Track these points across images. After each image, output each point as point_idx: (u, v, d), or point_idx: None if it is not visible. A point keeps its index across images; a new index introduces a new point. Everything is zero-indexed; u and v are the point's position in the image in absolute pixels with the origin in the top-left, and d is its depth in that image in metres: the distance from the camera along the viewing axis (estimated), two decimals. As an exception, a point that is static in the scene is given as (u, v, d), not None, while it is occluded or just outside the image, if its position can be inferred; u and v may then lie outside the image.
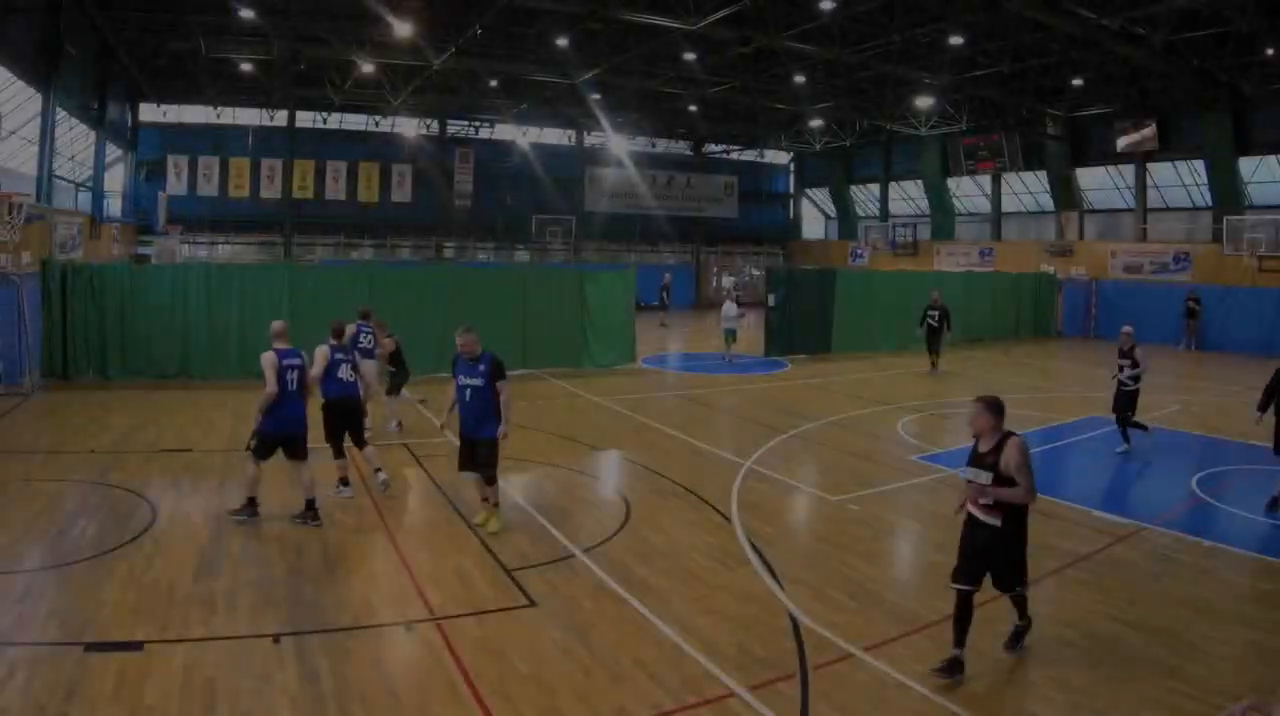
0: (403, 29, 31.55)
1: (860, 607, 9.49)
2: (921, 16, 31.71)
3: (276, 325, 12.21)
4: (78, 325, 22.04)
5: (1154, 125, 40.21)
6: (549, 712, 7.26)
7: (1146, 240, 42.24)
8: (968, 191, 53.30)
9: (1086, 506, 13.39)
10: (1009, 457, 7.89)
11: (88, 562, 10.07)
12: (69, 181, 34.78)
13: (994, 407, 8.28)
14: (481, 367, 11.23)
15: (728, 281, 59.85)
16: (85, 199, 37.52)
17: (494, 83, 43.11)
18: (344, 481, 13.13)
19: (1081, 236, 45.75)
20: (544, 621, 8.98)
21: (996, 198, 51.47)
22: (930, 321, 27.58)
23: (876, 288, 33.97)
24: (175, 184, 47.02)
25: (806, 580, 10.25)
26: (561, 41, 34.53)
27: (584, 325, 26.70)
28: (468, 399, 11.29)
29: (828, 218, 65.81)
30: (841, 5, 29.68)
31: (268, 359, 11.52)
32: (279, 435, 11.70)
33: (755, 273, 60.07)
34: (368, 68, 39.08)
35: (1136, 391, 17.03)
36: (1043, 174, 47.32)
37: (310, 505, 11.82)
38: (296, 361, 11.80)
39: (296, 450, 11.87)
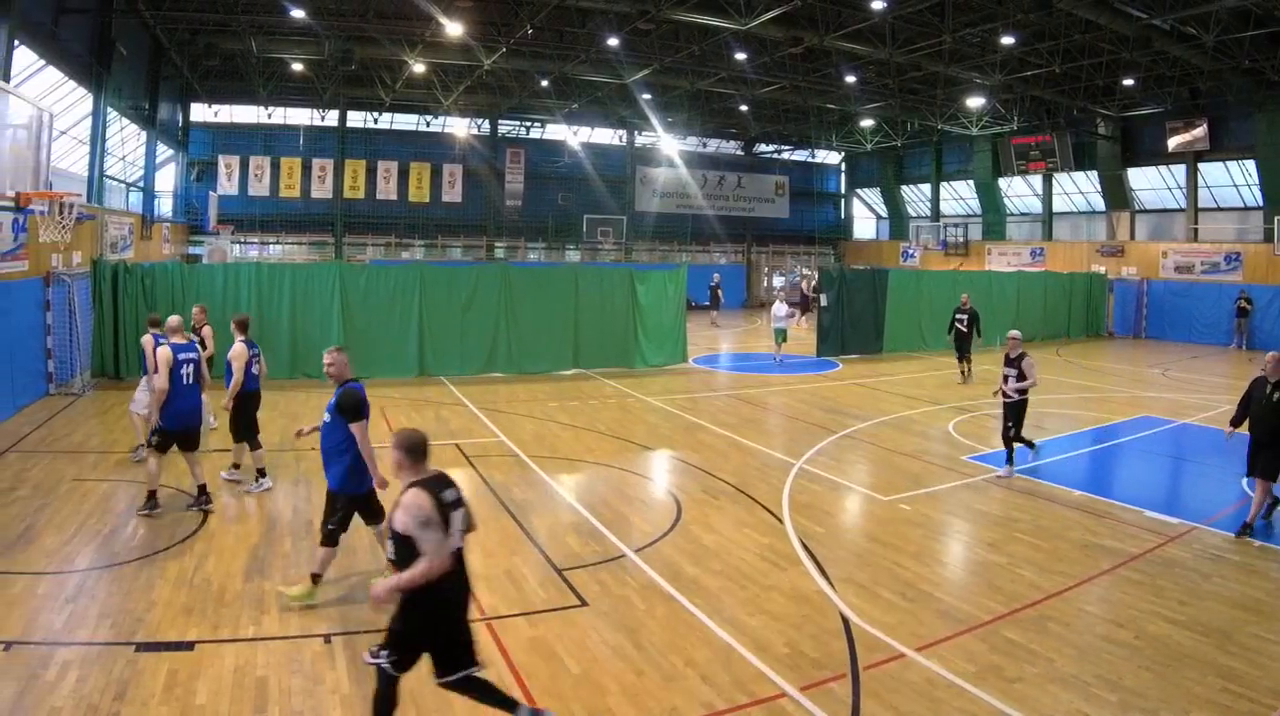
0: (454, 29, 31.72)
1: (912, 607, 9.47)
2: (973, 16, 31.57)
3: (173, 320, 12.34)
4: (129, 325, 22.08)
5: (1205, 125, 39.89)
6: (600, 712, 7.29)
7: (1197, 240, 41.81)
8: (1019, 191, 53.00)
9: (1138, 506, 13.29)
10: (395, 517, 6.16)
11: (139, 562, 10.15)
12: (120, 181, 34.89)
13: (403, 446, 6.38)
14: (332, 401, 9.38)
15: (778, 281, 59.70)
16: (136, 199, 37.72)
17: (545, 82, 42.94)
18: (262, 472, 13.43)
19: (1132, 236, 45.35)
20: (595, 621, 9.00)
21: (1048, 198, 51.15)
22: (959, 325, 26.05)
23: (928, 287, 33.65)
24: (226, 184, 47.25)
25: (858, 580, 10.23)
26: (612, 41, 34.43)
27: (635, 325, 26.69)
28: (323, 432, 9.51)
29: (879, 217, 65.56)
30: (893, 5, 29.57)
31: (163, 355, 11.65)
32: (178, 431, 11.92)
33: (807, 272, 59.60)
34: (419, 67, 39.34)
35: (1024, 404, 15.27)
36: (1094, 174, 46.90)
37: (203, 490, 12.14)
38: (192, 355, 11.99)
39: (190, 442, 12.11)
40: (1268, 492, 12.09)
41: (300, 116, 50.40)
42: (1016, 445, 15.44)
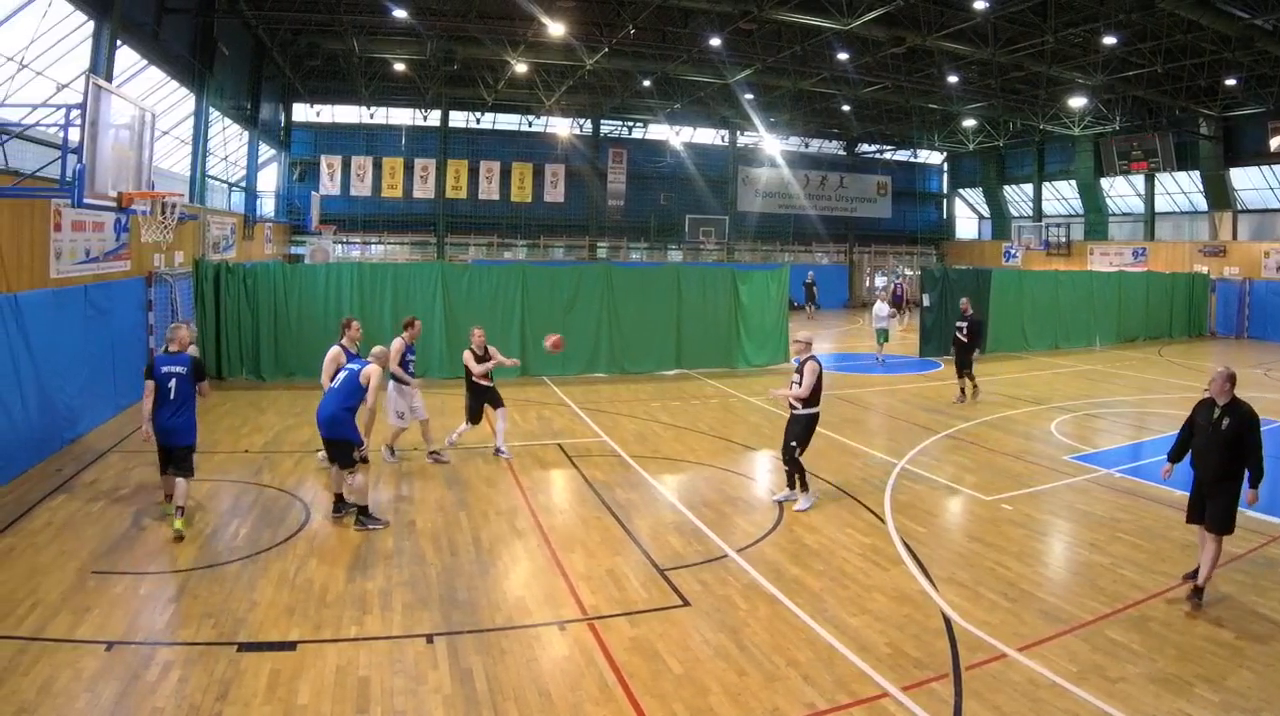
0: (556, 29, 31.84)
1: (1014, 607, 9.41)
2: (1075, 16, 31.31)
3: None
4: (231, 325, 22.38)
5: (1308, 124, 39.00)
6: (702, 712, 7.27)
7: (1300, 239, 40.96)
8: (1121, 191, 52.45)
9: (1241, 506, 12.88)
10: None
11: (241, 562, 10.28)
12: (222, 181, 35.51)
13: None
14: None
15: (880, 281, 59.00)
16: (238, 199, 38.32)
17: (647, 82, 43.15)
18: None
19: (1235, 236, 44.65)
20: (697, 621, 9.00)
21: (1150, 198, 50.45)
22: (959, 335, 22.48)
23: (1030, 288, 33.35)
24: (328, 184, 47.75)
25: (960, 580, 10.19)
26: (714, 41, 34.33)
27: (738, 325, 26.60)
28: None
29: (981, 217, 65.03)
30: (995, 5, 29.34)
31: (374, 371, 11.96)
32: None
33: (908, 273, 59.08)
34: (521, 68, 39.53)
35: (809, 419, 12.99)
36: (1195, 174, 46.20)
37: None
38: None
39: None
40: (1220, 549, 9.64)
41: (402, 116, 50.86)
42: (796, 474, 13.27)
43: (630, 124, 55.32)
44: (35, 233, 15.19)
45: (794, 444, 12.84)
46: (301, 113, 49.18)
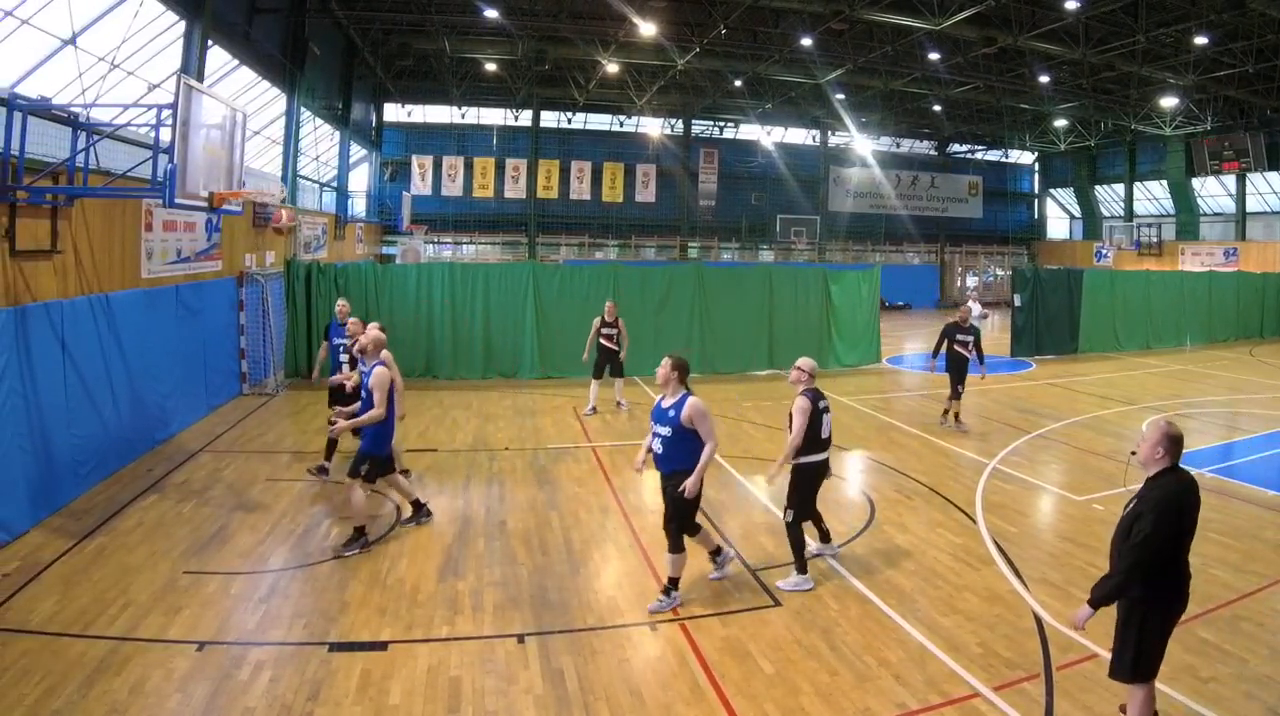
0: (647, 29, 32.00)
1: (1105, 607, 9.09)
2: (1166, 16, 31.23)
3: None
4: (322, 326, 21.85)
5: (1399, 123, 38.38)
6: (794, 712, 7.23)
7: (1392, 239, 40.29)
8: (1212, 191, 52.13)
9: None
10: None
11: (332, 563, 10.31)
12: (313, 181, 35.79)
13: None
14: None
15: (971, 281, 59.19)
16: (330, 199, 38.57)
17: (738, 82, 43.39)
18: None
19: (1328, 236, 44.07)
20: (788, 621, 8.95)
21: (1241, 198, 50.13)
22: (960, 348, 18.42)
23: (1122, 288, 32.87)
24: (419, 184, 48.38)
25: (1051, 580, 10.08)
26: (805, 41, 34.53)
27: (829, 325, 26.40)
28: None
29: (1072, 218, 64.69)
30: (1086, 5, 29.34)
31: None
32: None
33: (1000, 273, 59.03)
34: (612, 68, 39.84)
35: (802, 470, 10.38)
36: (1287, 174, 45.96)
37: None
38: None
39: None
40: (1146, 698, 6.64)
41: (493, 116, 51.61)
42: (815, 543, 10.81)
43: (721, 124, 55.73)
44: (126, 233, 15.32)
45: (787, 508, 10.07)
46: (392, 113, 49.91)
